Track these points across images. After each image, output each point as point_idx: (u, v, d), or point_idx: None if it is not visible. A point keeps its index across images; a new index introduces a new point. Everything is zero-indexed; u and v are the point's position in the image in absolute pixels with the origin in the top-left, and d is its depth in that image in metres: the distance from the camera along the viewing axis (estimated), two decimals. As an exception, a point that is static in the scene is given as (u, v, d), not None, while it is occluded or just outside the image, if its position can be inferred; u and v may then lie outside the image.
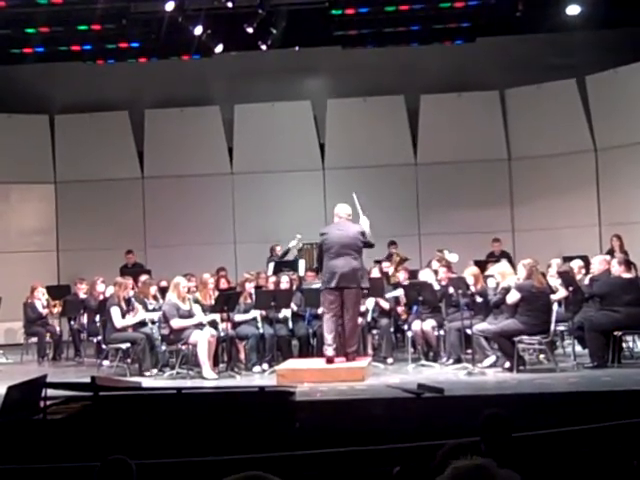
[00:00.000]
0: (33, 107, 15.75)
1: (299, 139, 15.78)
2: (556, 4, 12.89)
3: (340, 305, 9.64)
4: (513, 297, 9.62)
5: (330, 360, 9.52)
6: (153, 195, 15.93)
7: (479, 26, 13.71)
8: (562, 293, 10.56)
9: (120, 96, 15.93)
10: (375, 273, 11.77)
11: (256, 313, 10.89)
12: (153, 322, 10.93)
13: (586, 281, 10.65)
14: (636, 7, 12.80)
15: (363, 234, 9.81)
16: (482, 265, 11.54)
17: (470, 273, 10.55)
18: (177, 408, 7.07)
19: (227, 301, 10.55)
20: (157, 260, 14.90)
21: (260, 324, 10.82)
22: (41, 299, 12.74)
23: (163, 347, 10.57)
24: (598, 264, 10.25)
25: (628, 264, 9.95)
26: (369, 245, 9.91)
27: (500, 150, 15.59)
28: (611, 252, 12.53)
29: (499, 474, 3.40)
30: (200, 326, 10.33)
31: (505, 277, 10.11)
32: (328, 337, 9.62)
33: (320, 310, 10.47)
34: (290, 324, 11.09)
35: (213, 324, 10.58)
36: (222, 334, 10.51)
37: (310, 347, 11.03)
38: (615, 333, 9.59)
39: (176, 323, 10.26)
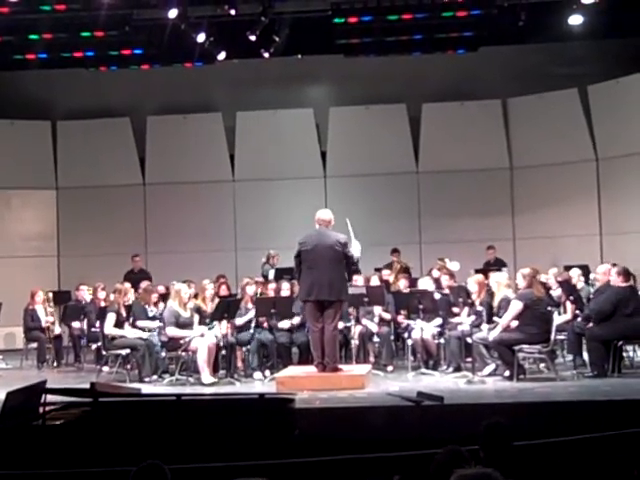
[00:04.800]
0: (35, 113, 15.79)
1: (301, 147, 15.80)
2: (558, 14, 12.90)
3: (322, 317, 9.45)
4: (515, 307, 9.59)
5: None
6: (154, 202, 15.95)
7: (481, 36, 13.73)
8: (569, 315, 10.54)
9: (122, 103, 15.97)
10: (375, 281, 11.77)
11: (251, 315, 10.87)
12: (150, 330, 10.94)
13: (581, 287, 10.73)
14: (638, 17, 12.83)
15: (343, 245, 9.40)
16: (483, 273, 11.54)
17: (474, 281, 10.54)
18: (176, 414, 7.05)
19: (227, 308, 10.54)
20: (158, 267, 14.89)
21: (253, 330, 10.79)
22: (43, 305, 12.71)
23: (163, 353, 10.56)
24: (602, 274, 10.20)
25: (627, 274, 9.91)
26: (351, 261, 9.50)
27: (502, 159, 15.60)
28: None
29: None
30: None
31: (500, 287, 10.11)
32: (315, 354, 9.56)
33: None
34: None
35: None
36: (222, 342, 10.49)
37: (310, 355, 10.99)
38: (615, 342, 9.57)
39: (171, 332, 10.25)
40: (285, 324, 10.99)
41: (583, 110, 14.93)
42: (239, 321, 10.83)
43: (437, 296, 10.95)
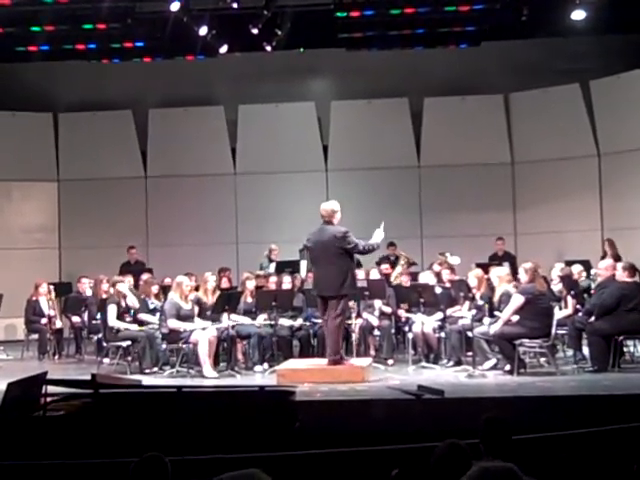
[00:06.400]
0: (37, 105, 15.78)
1: (303, 140, 15.78)
2: (561, 9, 12.90)
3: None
4: (517, 302, 9.59)
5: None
6: (156, 194, 15.94)
7: (484, 30, 13.73)
8: (569, 310, 10.55)
9: (124, 95, 15.95)
10: (374, 274, 11.76)
11: (260, 320, 10.90)
12: (148, 324, 10.97)
13: (582, 282, 10.72)
14: (640, 13, 12.83)
15: (341, 238, 9.31)
16: (485, 268, 11.55)
17: (474, 275, 10.55)
18: (177, 406, 7.07)
19: (229, 300, 10.56)
20: (159, 259, 14.91)
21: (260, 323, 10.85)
22: (48, 297, 12.74)
23: (164, 345, 10.56)
24: (604, 270, 10.19)
25: (633, 269, 9.92)
26: (356, 251, 9.49)
27: (503, 154, 15.59)
28: (604, 256, 12.47)
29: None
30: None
31: (501, 282, 10.11)
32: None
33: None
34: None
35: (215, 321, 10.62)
36: (224, 333, 10.50)
37: (311, 347, 11.03)
38: (616, 337, 9.57)
39: (172, 324, 10.27)
40: (287, 322, 11.00)
41: (585, 105, 14.91)
42: (235, 317, 10.80)
43: (438, 290, 10.96)
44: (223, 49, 13.86)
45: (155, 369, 10.49)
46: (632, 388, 8.35)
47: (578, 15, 12.75)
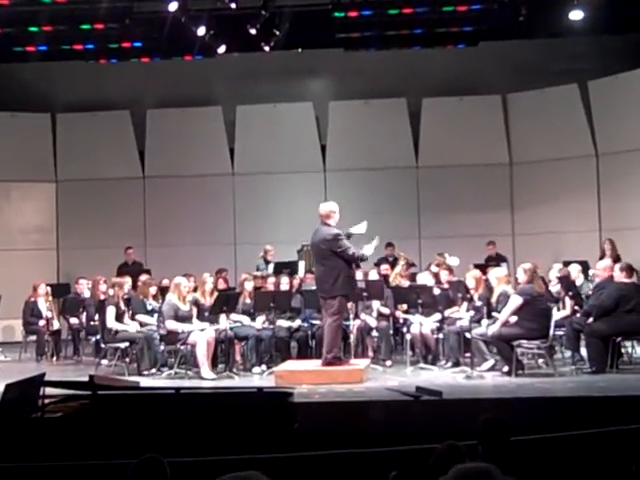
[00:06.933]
0: (35, 105, 15.77)
1: (301, 141, 15.78)
2: (559, 9, 12.89)
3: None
4: (515, 302, 9.59)
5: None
6: (154, 195, 15.94)
7: (482, 30, 13.72)
8: (567, 311, 10.55)
9: (122, 96, 15.94)
10: (373, 275, 11.75)
11: (259, 321, 10.92)
12: (145, 325, 10.96)
13: (580, 283, 10.71)
14: (638, 13, 12.82)
15: (330, 240, 9.35)
16: (482, 268, 11.55)
17: (472, 276, 10.55)
18: (175, 408, 7.07)
19: (227, 302, 10.55)
20: (157, 260, 14.91)
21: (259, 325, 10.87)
22: (46, 298, 12.74)
23: (162, 347, 10.55)
24: (602, 271, 10.19)
25: (630, 270, 9.91)
26: (345, 256, 9.39)
27: (501, 154, 15.60)
28: (602, 256, 12.48)
29: None
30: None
31: (499, 282, 10.10)
32: None
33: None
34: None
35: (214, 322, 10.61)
36: (221, 335, 10.49)
37: (309, 348, 11.02)
38: (614, 338, 9.57)
39: (170, 325, 10.26)
40: (285, 323, 11.01)
41: (583, 106, 14.91)
42: (235, 316, 10.83)
43: (436, 291, 10.95)
44: (221, 49, 13.85)
45: (153, 370, 10.48)
46: (630, 389, 8.35)
47: (576, 15, 12.73)
